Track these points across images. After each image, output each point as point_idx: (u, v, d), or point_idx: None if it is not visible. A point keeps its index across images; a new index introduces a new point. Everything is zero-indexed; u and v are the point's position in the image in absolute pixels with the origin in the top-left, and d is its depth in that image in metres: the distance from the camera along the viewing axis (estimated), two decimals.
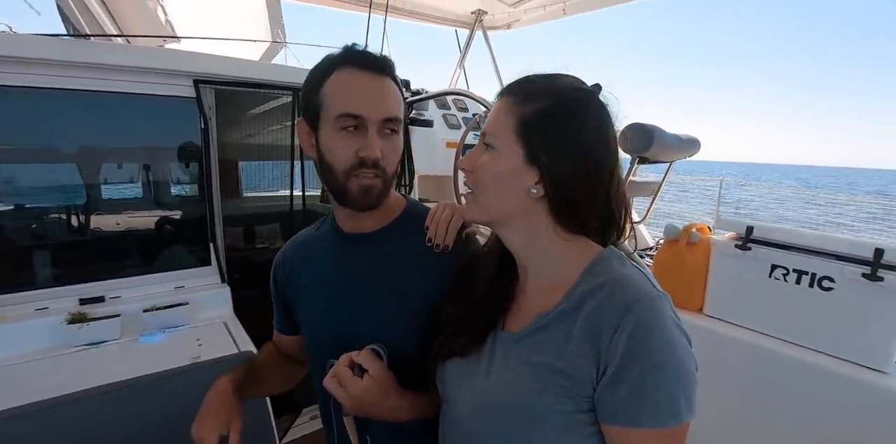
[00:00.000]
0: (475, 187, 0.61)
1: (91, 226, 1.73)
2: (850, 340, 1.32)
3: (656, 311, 0.51)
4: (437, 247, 0.73)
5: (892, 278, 1.24)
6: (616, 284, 0.53)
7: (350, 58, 0.67)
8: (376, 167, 0.67)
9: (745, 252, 1.51)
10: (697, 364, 0.52)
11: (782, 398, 1.40)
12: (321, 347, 0.78)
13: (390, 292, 0.72)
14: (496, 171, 0.58)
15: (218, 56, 1.79)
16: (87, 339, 1.39)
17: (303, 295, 0.81)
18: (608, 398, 0.51)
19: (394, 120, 0.68)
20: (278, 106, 2.64)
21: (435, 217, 0.75)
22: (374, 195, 0.69)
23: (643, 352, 0.49)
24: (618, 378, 0.49)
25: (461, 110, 2.75)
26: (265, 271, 0.93)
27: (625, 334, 0.49)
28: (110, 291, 1.56)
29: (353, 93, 0.66)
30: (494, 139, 0.58)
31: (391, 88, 0.69)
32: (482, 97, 1.71)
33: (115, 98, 1.60)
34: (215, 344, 1.41)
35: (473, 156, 0.61)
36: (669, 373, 0.49)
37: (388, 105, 0.67)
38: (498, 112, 0.59)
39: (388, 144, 0.68)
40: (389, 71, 0.69)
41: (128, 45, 2.30)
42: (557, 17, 2.96)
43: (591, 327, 0.52)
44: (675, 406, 0.49)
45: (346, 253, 0.77)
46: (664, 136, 1.69)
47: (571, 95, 0.57)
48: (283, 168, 3.80)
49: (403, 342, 0.70)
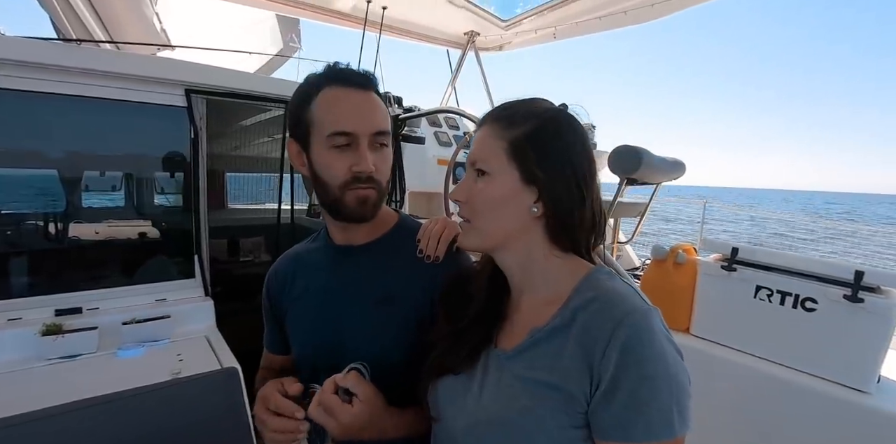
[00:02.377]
0: (473, 215, 0.61)
1: (70, 234, 1.68)
2: (832, 360, 1.35)
3: (647, 324, 0.51)
4: (427, 259, 0.75)
5: (873, 300, 1.28)
6: (607, 298, 0.55)
7: (334, 76, 0.70)
8: (371, 181, 0.69)
9: (731, 273, 1.54)
10: (690, 378, 0.53)
11: (767, 418, 1.41)
12: (307, 357, 0.79)
13: (379, 301, 0.74)
14: (495, 195, 0.59)
15: (211, 66, 1.79)
16: (62, 352, 1.32)
17: (293, 306, 0.81)
18: (602, 413, 0.51)
19: (383, 133, 0.70)
20: (269, 118, 2.63)
21: (427, 230, 0.77)
22: (370, 206, 0.71)
23: (635, 365, 0.49)
24: (611, 392, 0.50)
25: (452, 128, 2.79)
26: (249, 284, 0.92)
27: (616, 348, 0.50)
28: (88, 302, 1.50)
29: (342, 111, 0.68)
30: (487, 165, 0.59)
31: (377, 103, 0.71)
32: (472, 114, 1.74)
33: (102, 104, 1.57)
34: (197, 359, 1.36)
35: (465, 185, 0.62)
36: (662, 385, 0.49)
37: (376, 119, 0.69)
38: (485, 139, 0.60)
39: (380, 156, 0.71)
40: (373, 86, 0.71)
41: (119, 52, 2.29)
42: (548, 41, 3.06)
43: (584, 342, 0.53)
44: (668, 419, 0.49)
45: (337, 265, 0.78)
46: (652, 158, 1.74)
47: (552, 115, 0.60)
48: (270, 181, 3.77)
49: (390, 351, 0.71)
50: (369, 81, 0.71)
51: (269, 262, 2.84)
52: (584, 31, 2.88)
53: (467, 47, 3.32)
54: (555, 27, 2.93)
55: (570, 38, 2.98)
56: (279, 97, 1.94)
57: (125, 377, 1.21)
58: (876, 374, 1.30)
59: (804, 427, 1.34)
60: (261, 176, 3.77)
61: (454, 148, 2.40)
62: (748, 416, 1.43)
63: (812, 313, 1.39)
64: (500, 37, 3.26)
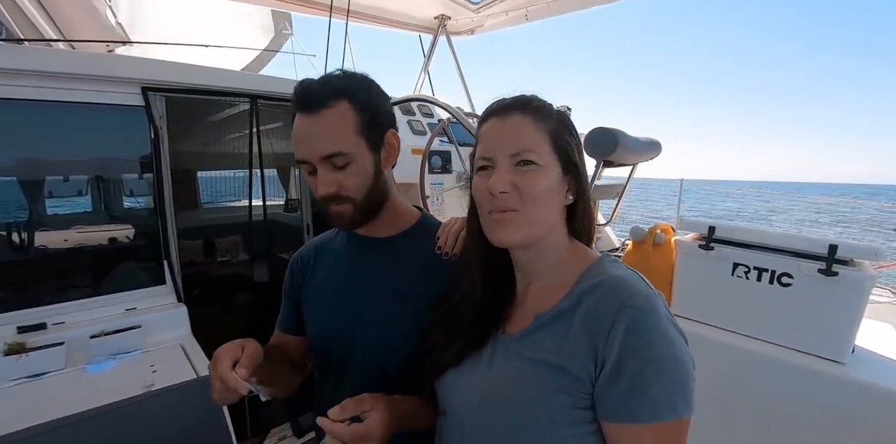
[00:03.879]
0: (524, 206, 0.58)
1: (30, 245, 1.60)
2: (809, 333, 1.37)
3: (651, 307, 0.52)
4: (445, 255, 0.76)
5: (846, 273, 1.29)
6: (612, 283, 0.56)
7: (294, 101, 0.70)
8: (338, 199, 0.71)
9: (709, 252, 1.54)
10: (694, 362, 0.53)
11: (747, 392, 1.43)
12: (320, 343, 0.82)
13: (394, 293, 0.75)
14: (547, 186, 0.59)
15: (168, 62, 1.70)
16: (28, 371, 1.27)
17: (313, 292, 0.84)
18: (607, 394, 0.51)
19: (333, 155, 0.68)
20: (238, 113, 2.53)
21: (447, 228, 0.80)
22: (347, 220, 0.73)
23: (640, 347, 0.50)
24: (615, 374, 0.50)
25: (426, 116, 2.73)
26: (226, 286, 0.89)
27: (621, 330, 0.51)
28: (53, 316, 1.44)
29: (296, 139, 0.70)
30: (537, 156, 0.58)
31: (324, 124, 0.68)
32: (446, 103, 1.69)
33: (56, 107, 1.48)
34: (171, 370, 1.31)
35: (505, 177, 0.58)
36: (666, 367, 0.50)
37: (322, 144, 0.68)
38: (525, 129, 0.59)
39: (342, 176, 0.70)
40: (327, 102, 0.68)
41: (68, 51, 2.16)
42: (520, 23, 3.00)
43: (589, 324, 0.53)
44: (672, 401, 0.50)
45: (357, 255, 0.81)
46: (628, 139, 1.72)
47: (558, 110, 0.63)
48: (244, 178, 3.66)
49: (403, 342, 0.73)
50: (319, 99, 0.68)
51: (247, 261, 2.77)
52: (556, 12, 2.82)
53: (438, 32, 3.23)
54: (526, 8, 2.86)
55: (542, 19, 2.92)
56: (243, 92, 1.87)
57: (96, 394, 1.17)
58: (850, 345, 1.33)
59: (784, 399, 1.37)
60: (235, 173, 3.67)
61: (428, 136, 2.35)
62: (729, 391, 1.45)
63: (788, 287, 1.40)
64: (472, 20, 3.18)
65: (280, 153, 2.78)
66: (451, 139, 2.28)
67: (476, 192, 0.62)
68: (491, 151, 0.59)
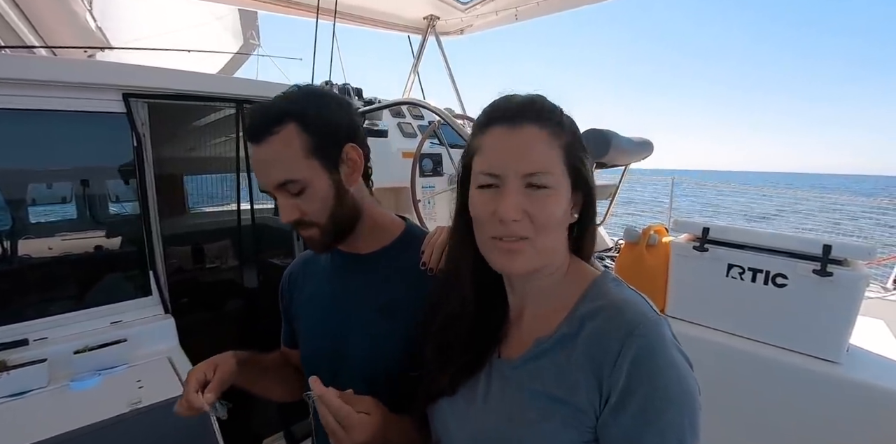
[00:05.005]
0: (537, 235, 0.53)
1: (8, 258, 1.55)
2: (804, 333, 1.37)
3: (658, 335, 0.50)
4: (430, 271, 0.73)
5: (840, 273, 1.29)
6: (615, 307, 0.53)
7: (245, 131, 0.69)
8: (301, 225, 0.70)
9: (703, 253, 1.54)
10: (700, 388, 0.51)
11: (744, 393, 1.43)
12: (310, 361, 0.81)
13: (380, 311, 0.74)
14: (560, 210, 0.53)
15: (150, 67, 1.65)
16: (9, 390, 1.22)
17: (302, 310, 0.84)
18: (612, 426, 0.49)
19: (285, 183, 0.67)
20: (224, 118, 2.49)
21: (431, 241, 0.76)
22: (318, 244, 0.72)
23: (646, 378, 0.48)
24: (621, 405, 0.48)
25: (416, 118, 2.70)
26: (217, 293, 0.87)
27: (628, 360, 0.48)
28: (35, 332, 1.39)
29: (254, 168, 0.70)
30: (550, 178, 0.52)
31: (270, 152, 0.66)
32: (436, 107, 1.66)
33: (35, 115, 1.43)
34: (159, 385, 1.28)
35: (516, 201, 0.51)
36: (673, 398, 0.48)
37: (270, 173, 0.67)
38: (540, 147, 0.52)
39: (301, 202, 0.68)
40: (271, 128, 0.65)
41: (48, 58, 2.11)
42: (510, 22, 2.98)
43: (592, 353, 0.51)
44: (679, 432, 0.48)
45: (342, 272, 0.80)
46: (620, 140, 1.71)
47: (567, 116, 0.57)
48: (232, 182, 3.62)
49: (391, 360, 0.72)
50: (261, 129, 0.65)
51: (237, 267, 2.71)
52: (546, 11, 2.82)
53: (427, 32, 3.21)
54: (516, 8, 2.85)
55: (532, 19, 2.90)
56: (228, 96, 1.82)
57: (81, 412, 1.13)
58: (845, 344, 1.33)
59: (780, 399, 1.37)
60: (223, 178, 3.61)
61: (419, 139, 2.32)
62: (725, 392, 1.45)
63: (783, 288, 1.40)
64: (461, 20, 3.16)
65: None
66: (442, 142, 2.26)
67: (478, 212, 0.55)
68: (500, 169, 0.52)
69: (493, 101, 0.57)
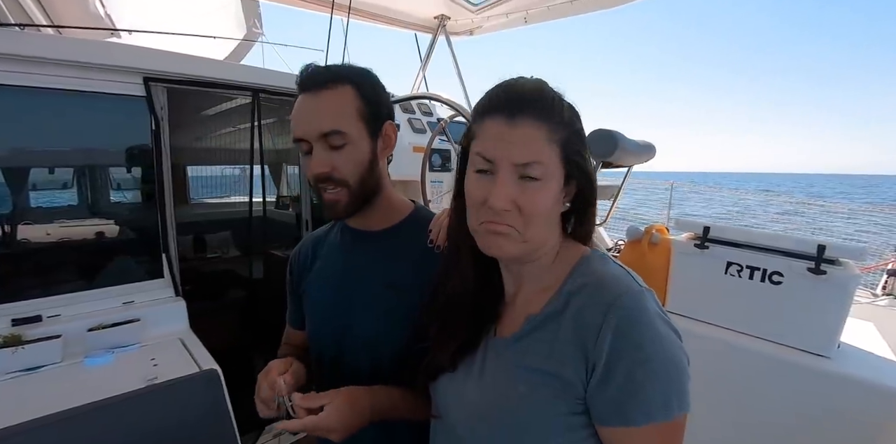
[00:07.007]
0: (526, 227, 0.54)
1: (23, 236, 1.56)
2: (798, 329, 1.43)
3: (640, 306, 0.50)
4: (437, 248, 0.75)
5: (833, 272, 1.35)
6: (599, 282, 0.54)
7: (299, 82, 0.70)
8: (330, 181, 0.69)
9: (703, 251, 1.59)
10: (689, 358, 0.53)
11: (738, 386, 1.48)
12: (317, 336, 0.83)
13: (388, 287, 0.75)
14: (549, 201, 0.54)
15: (172, 52, 1.67)
16: (23, 364, 1.24)
17: (310, 286, 0.85)
18: (599, 399, 0.50)
19: (331, 134, 0.68)
20: (236, 107, 2.51)
21: (439, 221, 0.78)
22: (341, 209, 0.72)
23: (629, 348, 0.48)
24: (606, 377, 0.49)
25: (426, 114, 2.74)
26: (218, 282, 0.89)
27: (609, 331, 0.49)
28: (49, 309, 1.40)
29: (294, 118, 0.70)
30: (543, 169, 0.52)
31: (325, 102, 0.68)
32: (457, 103, 1.71)
33: (55, 95, 1.45)
34: (173, 363, 1.30)
35: (507, 191, 0.52)
36: (658, 367, 0.49)
37: (320, 121, 0.67)
38: (537, 141, 0.52)
39: (338, 156, 0.69)
40: (331, 83, 0.68)
41: (70, 38, 2.11)
42: (519, 25, 3.04)
43: (577, 327, 0.52)
44: (666, 401, 0.49)
45: (351, 249, 0.81)
46: (626, 142, 1.76)
47: (570, 106, 0.56)
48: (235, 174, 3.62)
49: (396, 335, 0.73)
50: (319, 80, 0.68)
51: (239, 257, 2.74)
52: (556, 16, 2.87)
53: (437, 32, 3.25)
54: (526, 11, 2.90)
55: (541, 22, 2.96)
56: (246, 85, 1.85)
57: (96, 387, 1.15)
58: (836, 340, 1.39)
59: (773, 393, 1.42)
60: (224, 168, 3.62)
61: (429, 135, 2.36)
62: (720, 385, 1.50)
63: (779, 285, 1.46)
64: (471, 21, 3.20)
65: (273, 149, 2.76)
66: (450, 139, 2.31)
67: (471, 197, 0.55)
68: (494, 155, 0.52)
69: (497, 85, 0.56)
